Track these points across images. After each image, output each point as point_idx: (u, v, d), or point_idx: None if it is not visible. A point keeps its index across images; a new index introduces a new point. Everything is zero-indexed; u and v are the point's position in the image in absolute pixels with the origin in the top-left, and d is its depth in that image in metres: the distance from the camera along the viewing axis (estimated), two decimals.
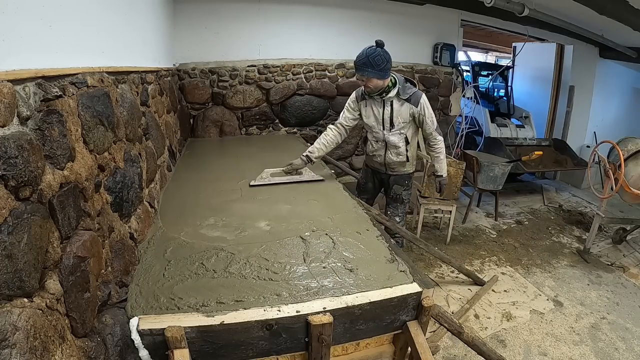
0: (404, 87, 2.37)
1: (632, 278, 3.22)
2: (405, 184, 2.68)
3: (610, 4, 3.33)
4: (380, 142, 2.54)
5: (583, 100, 5.72)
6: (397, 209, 2.72)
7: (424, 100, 2.38)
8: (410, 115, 2.39)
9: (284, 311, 1.21)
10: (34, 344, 0.78)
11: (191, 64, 3.71)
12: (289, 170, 2.51)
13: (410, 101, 2.36)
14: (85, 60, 1.30)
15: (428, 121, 2.41)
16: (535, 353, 2.31)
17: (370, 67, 2.20)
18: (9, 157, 0.78)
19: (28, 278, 0.81)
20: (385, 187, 2.78)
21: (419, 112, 2.38)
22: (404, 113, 2.39)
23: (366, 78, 2.25)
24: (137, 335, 1.11)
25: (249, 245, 1.61)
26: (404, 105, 2.37)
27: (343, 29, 4.10)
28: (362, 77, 2.27)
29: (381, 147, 2.55)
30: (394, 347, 1.48)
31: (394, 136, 2.46)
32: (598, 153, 3.51)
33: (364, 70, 2.22)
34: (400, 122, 2.41)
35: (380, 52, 2.19)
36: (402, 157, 2.53)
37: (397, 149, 2.50)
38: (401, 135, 2.46)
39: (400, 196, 2.68)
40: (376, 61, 2.18)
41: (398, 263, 1.51)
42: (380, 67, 2.20)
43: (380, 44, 2.22)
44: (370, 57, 2.18)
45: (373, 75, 2.22)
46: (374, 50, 2.20)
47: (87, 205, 1.14)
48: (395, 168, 2.62)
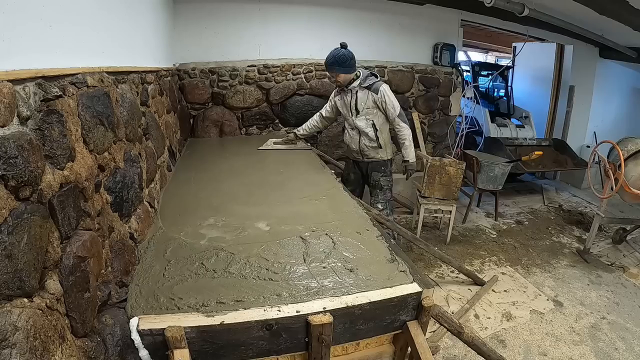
0: (366, 78, 2.81)
1: (632, 278, 3.22)
2: (382, 170, 2.97)
3: (610, 4, 3.33)
4: (354, 130, 2.93)
5: (583, 100, 5.71)
6: (377, 196, 2.99)
7: (383, 88, 2.77)
8: (373, 102, 2.79)
9: (284, 311, 1.21)
10: (34, 344, 0.78)
11: (191, 64, 3.71)
12: (286, 140, 3.36)
13: (370, 89, 2.78)
14: (85, 60, 1.30)
15: (389, 107, 2.77)
16: (535, 353, 2.31)
17: (337, 65, 2.71)
18: (9, 157, 0.78)
19: (28, 278, 0.81)
20: (365, 177, 3.07)
21: (380, 98, 2.76)
22: (367, 100, 2.80)
23: (335, 74, 2.77)
24: (137, 335, 1.11)
25: (249, 245, 1.61)
26: (365, 93, 2.80)
27: (343, 29, 4.10)
28: (332, 73, 2.80)
29: (355, 134, 2.93)
30: (394, 347, 1.48)
31: (361, 121, 2.85)
32: (598, 153, 3.51)
33: (332, 67, 2.74)
34: (364, 108, 2.81)
35: (344, 52, 2.71)
36: (373, 142, 2.87)
37: (367, 135, 2.87)
38: (367, 121, 2.84)
39: (379, 182, 2.96)
40: (341, 59, 2.69)
41: (398, 263, 1.51)
42: (345, 64, 2.70)
43: (344, 45, 2.75)
44: (336, 57, 2.70)
45: (340, 71, 2.73)
46: (339, 51, 2.72)
47: (87, 205, 1.14)
48: (370, 154, 2.93)
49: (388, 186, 2.98)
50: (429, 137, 4.87)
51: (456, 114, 4.99)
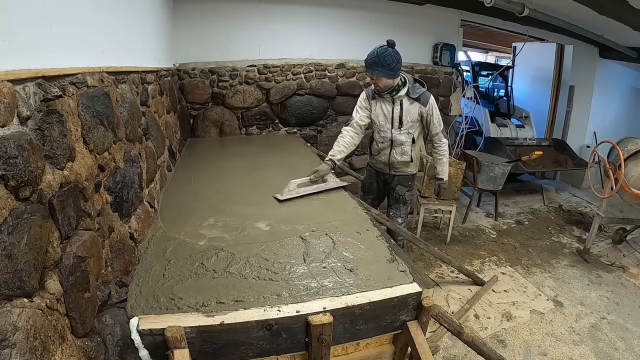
0: (414, 86, 2.42)
1: (632, 278, 3.22)
2: (409, 185, 2.70)
3: (610, 4, 3.33)
4: (386, 142, 2.56)
5: (583, 100, 5.71)
6: (399, 210, 2.74)
7: (432, 100, 2.43)
8: (418, 114, 2.44)
9: (284, 311, 1.21)
10: (34, 344, 0.78)
11: (191, 64, 3.71)
12: (317, 177, 2.37)
13: (419, 101, 2.41)
14: (85, 60, 1.30)
15: (435, 122, 2.46)
16: (535, 353, 2.31)
17: (380, 67, 2.24)
18: (9, 157, 0.78)
19: (28, 278, 0.81)
20: (388, 188, 2.78)
21: (427, 112, 2.42)
22: (413, 112, 2.43)
23: (376, 77, 2.30)
24: (137, 335, 1.11)
25: (249, 245, 1.61)
26: (413, 104, 2.42)
27: (343, 29, 4.10)
28: (372, 75, 2.32)
29: (387, 147, 2.57)
30: (394, 347, 1.48)
31: (402, 135, 2.50)
32: (598, 153, 3.51)
33: (374, 69, 2.27)
34: (409, 121, 2.45)
35: (391, 52, 2.23)
36: (406, 156, 2.56)
37: (403, 149, 2.54)
38: (409, 135, 2.50)
39: (403, 197, 2.70)
40: (386, 61, 2.22)
41: (398, 263, 1.51)
42: (391, 67, 2.24)
43: (392, 43, 2.26)
44: (381, 57, 2.22)
45: (383, 74, 2.27)
46: (384, 50, 2.24)
47: (87, 205, 1.14)
48: (399, 168, 2.64)
49: (411, 200, 2.77)
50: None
51: (456, 114, 4.99)
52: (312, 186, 2.31)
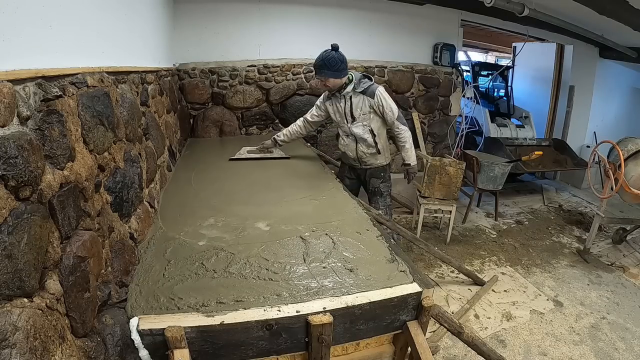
0: (360, 82, 2.59)
1: (632, 278, 3.22)
2: (382, 176, 2.82)
3: (610, 4, 3.33)
4: (350, 137, 2.73)
5: (583, 100, 5.71)
6: (377, 203, 2.85)
7: (379, 91, 2.57)
8: (369, 107, 2.59)
9: (284, 311, 1.21)
10: (34, 344, 0.78)
11: (191, 64, 3.71)
12: (262, 148, 3.02)
13: (365, 93, 2.58)
14: (85, 60, 1.30)
15: (387, 111, 2.59)
16: (535, 353, 2.31)
17: (326, 69, 2.46)
18: (9, 157, 0.78)
19: (28, 278, 0.81)
20: (363, 183, 2.92)
21: (377, 102, 2.57)
22: (362, 105, 2.60)
23: (324, 78, 2.52)
24: (137, 335, 1.11)
25: (249, 245, 1.61)
26: (361, 98, 2.60)
27: (343, 29, 4.10)
28: (321, 77, 2.54)
29: (352, 141, 2.74)
30: (394, 347, 1.48)
31: (358, 128, 2.66)
32: (598, 153, 3.51)
33: (321, 71, 2.49)
34: (360, 114, 2.62)
35: (334, 55, 2.45)
36: (372, 148, 2.70)
37: (365, 141, 2.68)
38: (365, 127, 2.65)
39: (379, 189, 2.82)
40: (331, 63, 2.44)
41: (398, 263, 1.51)
42: (336, 68, 2.45)
43: (335, 47, 2.48)
44: (325, 60, 2.45)
45: (330, 75, 2.49)
46: (329, 54, 2.46)
47: (87, 205, 1.14)
48: (368, 161, 2.77)
49: (388, 191, 2.87)
50: (428, 137, 4.88)
51: (456, 114, 5.00)
52: (259, 154, 2.99)
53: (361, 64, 4.26)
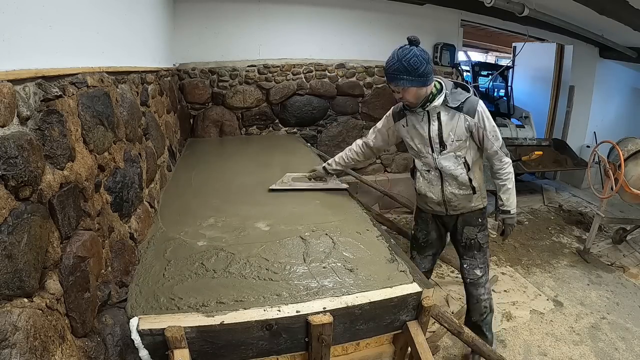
0: (453, 93, 1.80)
1: (632, 278, 3.22)
2: (479, 223, 2.03)
3: (610, 4, 3.33)
4: (433, 171, 1.94)
5: (583, 100, 5.72)
6: (474, 259, 2.06)
7: (482, 107, 1.78)
8: (466, 129, 1.80)
9: (284, 311, 1.21)
10: (34, 344, 0.78)
11: (191, 64, 3.71)
12: (312, 176, 2.29)
13: (462, 110, 1.77)
14: (85, 60, 1.30)
15: (490, 136, 1.81)
16: (535, 353, 2.31)
17: (405, 74, 1.64)
18: (9, 157, 0.78)
19: (28, 278, 0.81)
20: (453, 233, 2.12)
21: (477, 124, 1.78)
22: (457, 127, 1.79)
23: (402, 88, 1.69)
24: (137, 335, 1.11)
25: (249, 245, 1.61)
26: (455, 116, 1.79)
27: (343, 29, 4.10)
28: (397, 88, 1.71)
29: (436, 179, 1.94)
30: (394, 347, 1.48)
31: (448, 160, 1.86)
32: (598, 153, 3.51)
33: (397, 78, 1.66)
34: (454, 140, 1.81)
35: (416, 53, 1.62)
36: (465, 188, 1.91)
37: (456, 179, 1.89)
38: (458, 159, 1.86)
39: (476, 240, 2.02)
40: (412, 64, 1.61)
41: (398, 263, 1.51)
42: (419, 72, 1.63)
43: (415, 40, 1.64)
44: (404, 60, 1.62)
45: (410, 83, 1.66)
46: (408, 51, 1.62)
47: (87, 205, 1.14)
48: (460, 205, 1.97)
49: (487, 243, 2.07)
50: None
51: None
52: (308, 183, 2.25)
53: (361, 64, 4.26)
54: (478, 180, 1.94)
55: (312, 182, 2.27)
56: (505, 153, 1.88)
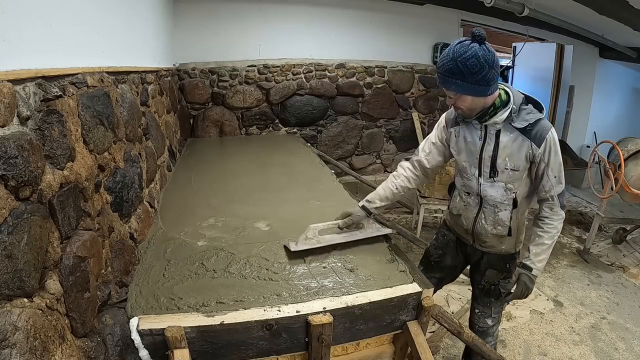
0: (522, 109, 1.43)
1: (632, 278, 3.22)
2: (506, 269, 1.70)
3: (610, 4, 3.33)
4: (473, 196, 1.61)
5: (583, 100, 5.71)
6: (489, 308, 1.75)
7: (552, 137, 1.41)
8: (526, 158, 1.44)
9: (284, 311, 1.21)
10: (34, 344, 0.78)
11: (191, 64, 3.71)
12: (347, 224, 1.67)
13: (529, 134, 1.41)
14: (85, 60, 1.30)
15: (551, 176, 1.45)
16: (535, 353, 2.31)
17: (460, 77, 1.31)
18: (9, 157, 0.78)
19: (28, 278, 0.81)
20: (473, 271, 1.80)
21: (541, 155, 1.42)
22: (517, 152, 1.44)
23: (454, 94, 1.37)
24: (137, 335, 1.11)
25: (248, 245, 1.61)
26: (518, 139, 1.43)
27: (343, 29, 4.11)
28: (449, 93, 1.39)
29: (474, 205, 1.62)
30: (394, 347, 1.48)
31: (495, 189, 1.53)
32: (598, 153, 3.51)
33: (450, 81, 1.33)
34: (509, 168, 1.47)
35: (476, 52, 1.27)
36: (502, 227, 1.59)
37: (496, 214, 1.57)
38: (507, 192, 1.52)
39: (497, 288, 1.70)
40: (470, 67, 1.27)
41: (398, 263, 1.51)
42: (478, 77, 1.29)
43: (480, 36, 1.28)
44: (460, 60, 1.28)
45: (465, 90, 1.33)
46: (466, 49, 1.28)
47: (87, 205, 1.14)
48: (489, 242, 1.65)
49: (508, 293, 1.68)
50: None
51: None
52: (341, 234, 1.66)
53: (361, 64, 4.26)
54: (519, 221, 1.63)
55: (346, 231, 1.68)
56: (561, 205, 1.50)
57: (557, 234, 1.53)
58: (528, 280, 1.57)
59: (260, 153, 3.24)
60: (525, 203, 1.60)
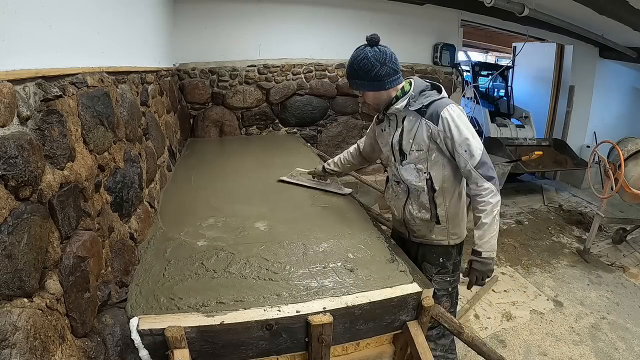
0: (421, 95, 1.54)
1: (632, 278, 3.22)
2: (439, 263, 1.67)
3: (610, 4, 3.33)
4: (402, 184, 1.68)
5: (583, 100, 5.72)
6: None
7: (450, 113, 1.47)
8: (428, 137, 1.51)
9: (284, 311, 1.21)
10: (34, 344, 0.78)
11: (191, 64, 3.71)
12: (313, 173, 2.32)
13: (424, 115, 1.51)
14: (85, 60, 1.30)
15: (460, 150, 1.46)
16: (535, 353, 2.31)
17: (359, 77, 1.52)
18: (9, 157, 0.78)
19: (28, 278, 0.81)
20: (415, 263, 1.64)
21: (443, 132, 1.47)
22: (416, 134, 1.53)
23: (360, 93, 1.61)
24: (137, 335, 1.11)
25: (249, 245, 1.61)
26: (418, 121, 1.53)
27: (343, 29, 4.11)
28: (356, 91, 1.64)
29: (402, 193, 1.68)
30: (394, 347, 1.48)
31: (409, 173, 1.61)
32: (598, 153, 3.51)
33: (352, 82, 1.57)
34: (414, 150, 1.55)
35: (368, 54, 1.47)
36: (425, 212, 1.61)
37: (419, 198, 1.62)
38: (419, 173, 1.57)
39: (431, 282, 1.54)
40: (363, 67, 1.47)
41: (398, 263, 1.51)
42: (371, 75, 1.48)
43: (372, 40, 1.50)
44: (355, 63, 1.50)
45: (365, 87, 1.54)
46: (359, 52, 1.51)
47: (87, 205, 1.14)
48: (419, 231, 1.67)
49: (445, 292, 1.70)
50: None
51: None
52: (313, 181, 2.33)
53: None
54: (449, 209, 1.60)
55: (315, 181, 2.32)
56: (485, 176, 1.46)
57: (494, 209, 1.50)
58: (480, 266, 1.54)
59: (260, 153, 3.24)
60: (450, 188, 1.60)
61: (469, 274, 1.58)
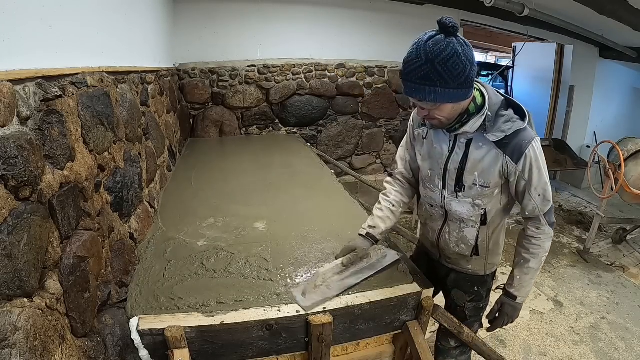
0: (498, 116, 1.16)
1: (632, 278, 3.22)
2: (474, 291, 1.48)
3: (610, 4, 3.33)
4: (436, 209, 1.38)
5: (583, 100, 5.72)
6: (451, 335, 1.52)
7: (534, 151, 1.14)
8: (500, 173, 1.19)
9: (284, 311, 1.21)
10: (34, 344, 0.78)
11: (191, 64, 3.71)
12: (352, 260, 1.43)
13: (505, 148, 1.16)
14: (85, 60, 1.30)
15: (534, 195, 1.19)
16: (535, 353, 2.31)
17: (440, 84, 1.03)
18: (9, 157, 0.79)
19: (28, 278, 0.81)
20: (441, 286, 1.57)
21: (520, 173, 1.17)
22: (488, 167, 1.19)
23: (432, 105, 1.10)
24: (137, 335, 1.11)
25: (248, 245, 1.61)
26: (491, 153, 1.18)
27: (343, 29, 4.10)
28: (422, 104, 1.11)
29: (439, 217, 1.39)
30: (394, 347, 1.48)
31: (461, 206, 1.30)
32: (598, 153, 3.51)
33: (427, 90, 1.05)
34: (477, 183, 1.23)
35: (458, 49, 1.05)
36: (464, 246, 1.37)
37: (461, 230, 1.35)
38: (475, 208, 1.28)
39: (462, 310, 1.50)
40: (452, 68, 1.02)
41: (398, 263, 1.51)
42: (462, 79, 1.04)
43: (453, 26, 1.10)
44: (439, 62, 1.03)
45: (447, 97, 1.05)
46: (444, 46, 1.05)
47: (87, 205, 1.14)
48: (453, 259, 1.45)
49: (476, 318, 1.54)
50: None
51: None
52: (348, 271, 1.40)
53: (361, 64, 4.26)
54: (489, 240, 1.36)
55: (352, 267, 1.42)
56: (549, 222, 1.24)
57: (544, 256, 1.29)
58: (511, 310, 1.37)
59: (260, 153, 3.24)
60: (497, 219, 1.33)
61: (496, 316, 1.41)
